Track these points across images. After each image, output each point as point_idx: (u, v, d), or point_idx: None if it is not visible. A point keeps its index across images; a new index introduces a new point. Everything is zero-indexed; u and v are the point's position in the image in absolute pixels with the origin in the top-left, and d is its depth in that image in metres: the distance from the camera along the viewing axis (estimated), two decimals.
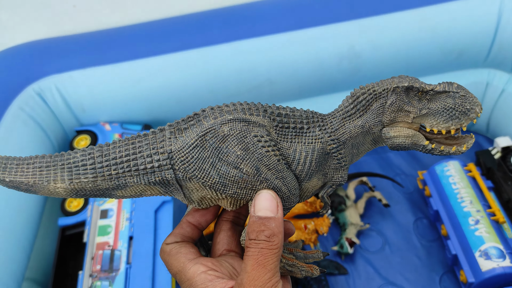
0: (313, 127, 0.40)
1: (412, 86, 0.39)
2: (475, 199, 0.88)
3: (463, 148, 0.39)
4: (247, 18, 0.95)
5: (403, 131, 0.40)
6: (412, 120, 0.39)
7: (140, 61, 0.92)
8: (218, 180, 0.37)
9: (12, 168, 0.37)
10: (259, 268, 0.33)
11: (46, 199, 0.88)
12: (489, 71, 1.03)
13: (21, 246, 0.75)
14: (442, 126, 0.39)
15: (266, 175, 0.37)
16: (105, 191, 0.38)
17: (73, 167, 0.37)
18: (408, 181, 1.07)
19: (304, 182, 0.40)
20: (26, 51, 0.93)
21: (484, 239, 0.81)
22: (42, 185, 0.37)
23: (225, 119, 0.37)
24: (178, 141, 0.37)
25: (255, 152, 0.37)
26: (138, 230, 0.77)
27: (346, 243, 0.91)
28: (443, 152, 0.40)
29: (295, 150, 0.39)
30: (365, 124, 0.40)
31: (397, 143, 0.40)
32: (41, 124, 0.88)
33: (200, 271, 0.36)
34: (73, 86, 0.91)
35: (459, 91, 0.38)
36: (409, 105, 0.39)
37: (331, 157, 0.40)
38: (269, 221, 0.35)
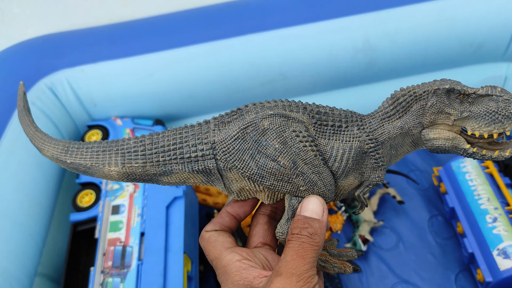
0: (352, 126, 0.41)
1: (453, 88, 0.39)
2: (493, 196, 0.86)
3: (506, 153, 0.39)
4: (259, 11, 0.93)
5: (443, 134, 0.39)
6: (452, 122, 0.39)
7: (152, 55, 0.91)
8: (256, 171, 0.39)
9: (73, 151, 0.41)
10: (298, 259, 0.35)
11: (58, 194, 0.88)
12: (508, 65, 1.00)
13: (33, 241, 0.75)
14: (484, 129, 0.38)
15: (302, 169, 0.38)
16: (152, 177, 0.41)
17: (126, 152, 0.40)
18: (423, 177, 1.05)
19: (340, 180, 0.41)
20: (38, 45, 0.93)
21: (503, 238, 0.79)
22: (98, 167, 0.40)
23: (265, 114, 0.39)
24: (221, 133, 0.40)
25: (292, 146, 0.38)
26: (150, 226, 0.76)
27: (359, 240, 0.90)
28: (485, 156, 0.39)
29: (333, 147, 0.40)
30: (404, 125, 0.40)
31: (436, 145, 0.40)
32: (52, 119, 0.88)
33: (235, 259, 0.38)
34: (85, 80, 0.91)
35: (502, 95, 0.38)
36: (450, 107, 0.39)
37: (368, 156, 0.41)
38: (313, 221, 0.37)
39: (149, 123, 0.95)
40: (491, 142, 0.40)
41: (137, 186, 0.82)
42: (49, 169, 0.84)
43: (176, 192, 0.80)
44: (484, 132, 0.38)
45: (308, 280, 0.34)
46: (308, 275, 0.34)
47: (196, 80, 0.93)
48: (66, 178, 0.92)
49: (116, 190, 0.82)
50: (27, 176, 0.78)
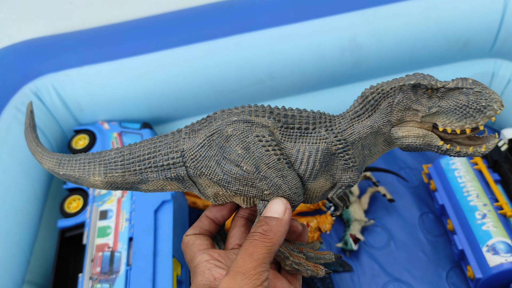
0: (319, 128, 0.40)
1: (419, 83, 0.37)
2: (482, 193, 0.86)
3: (481, 149, 0.37)
4: (246, 11, 0.92)
5: (413, 131, 0.38)
6: (421, 119, 0.38)
7: (138, 57, 0.90)
8: (222, 177, 0.40)
9: (65, 163, 0.44)
10: (245, 257, 0.35)
11: (46, 200, 0.87)
12: (495, 61, 1.00)
13: (20, 249, 0.74)
14: (455, 125, 0.37)
15: (265, 173, 0.39)
16: (132, 185, 0.43)
17: (107, 163, 0.43)
18: (413, 175, 1.05)
19: (309, 182, 0.40)
20: (22, 50, 0.92)
21: (492, 234, 0.80)
22: (85, 178, 0.43)
23: (230, 121, 0.40)
24: (190, 140, 0.41)
25: (255, 151, 0.39)
26: (138, 231, 0.76)
27: (350, 240, 0.90)
28: (460, 153, 0.37)
29: (298, 150, 0.39)
30: (374, 124, 0.39)
31: (406, 143, 0.38)
32: (38, 125, 0.87)
33: (204, 260, 0.39)
34: (70, 84, 0.90)
35: (473, 87, 0.36)
36: (417, 104, 0.37)
37: (337, 157, 0.40)
38: (271, 219, 0.38)
39: (136, 127, 0.94)
40: (469, 137, 0.38)
41: (124, 191, 0.82)
42: (36, 176, 0.83)
43: (164, 196, 0.80)
44: (456, 128, 0.37)
45: (255, 278, 0.34)
46: (255, 272, 0.34)
47: (184, 82, 0.92)
48: (54, 184, 0.91)
49: (104, 195, 0.81)
50: (12, 183, 0.77)
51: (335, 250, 0.94)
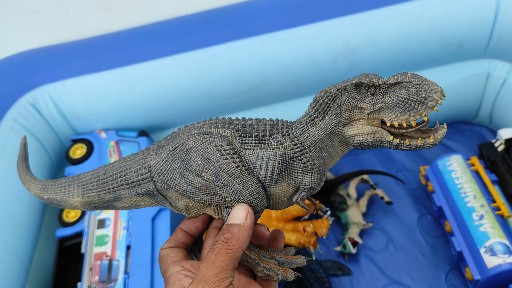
0: (276, 134, 0.42)
1: (360, 82, 0.38)
2: (479, 194, 0.86)
3: (430, 140, 0.37)
4: (240, 18, 0.93)
5: (362, 129, 0.39)
6: (368, 116, 0.39)
7: (134, 66, 0.91)
8: (186, 188, 0.41)
9: (49, 188, 0.47)
10: (208, 266, 0.36)
11: (45, 210, 0.87)
12: (489, 61, 1.00)
13: (19, 259, 0.75)
14: (400, 119, 0.37)
15: (225, 181, 0.40)
16: (108, 203, 0.45)
17: (84, 184, 0.45)
18: (410, 177, 1.06)
19: (271, 187, 0.42)
20: (19, 62, 0.93)
21: (489, 235, 0.80)
22: (66, 200, 0.46)
23: (190, 134, 0.42)
24: (156, 156, 0.43)
25: (214, 160, 0.40)
26: (136, 239, 0.76)
27: (349, 243, 0.90)
28: (411, 146, 0.38)
29: (257, 156, 0.41)
30: (327, 126, 0.40)
31: (358, 141, 0.39)
32: (36, 135, 0.88)
33: (175, 271, 0.40)
34: (67, 94, 0.90)
35: (412, 80, 0.37)
36: (362, 102, 0.39)
37: (295, 161, 0.41)
38: (233, 226, 0.39)
39: (133, 135, 0.95)
40: (420, 130, 0.39)
41: None
42: None
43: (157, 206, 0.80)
44: (401, 121, 0.37)
45: (216, 285, 0.35)
46: (216, 279, 0.35)
47: (179, 90, 0.93)
48: None
49: None
50: (10, 194, 0.77)
51: (334, 253, 0.94)
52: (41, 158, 0.88)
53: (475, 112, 1.11)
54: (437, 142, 0.38)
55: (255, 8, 0.94)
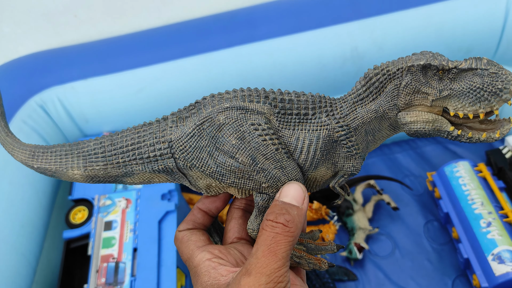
0: (320, 113, 0.37)
1: (429, 64, 0.34)
2: (486, 201, 0.86)
3: (496, 135, 0.34)
4: (247, 22, 0.93)
5: (422, 116, 0.35)
6: (431, 103, 0.35)
7: (142, 69, 0.91)
8: (215, 170, 0.37)
9: (39, 155, 0.40)
10: (270, 255, 0.32)
11: (51, 211, 0.88)
12: None
13: (26, 260, 0.75)
14: (468, 109, 0.34)
15: (263, 165, 0.36)
16: (116, 178, 0.40)
17: (87, 155, 0.39)
18: (417, 182, 1.05)
19: (310, 172, 0.38)
20: (28, 64, 0.94)
21: (497, 242, 0.79)
22: (62, 171, 0.40)
23: (221, 107, 0.36)
24: (178, 130, 0.37)
25: (251, 141, 0.36)
26: (142, 242, 0.76)
27: (355, 248, 0.90)
28: (472, 139, 0.35)
29: (298, 138, 0.37)
30: (378, 109, 0.36)
31: (414, 129, 0.36)
32: (44, 137, 0.88)
33: (205, 259, 0.36)
34: (76, 97, 0.91)
35: (488, 68, 0.33)
36: (427, 86, 0.34)
37: (339, 145, 0.37)
38: (292, 207, 0.34)
39: None
40: (483, 121, 0.35)
41: (129, 202, 0.82)
42: (41, 187, 0.84)
43: (168, 206, 0.80)
44: (468, 112, 0.34)
45: (280, 280, 0.31)
46: (280, 274, 0.31)
47: (186, 93, 0.93)
48: (60, 195, 0.92)
49: (109, 206, 0.82)
50: (19, 195, 0.78)
51: (340, 259, 0.94)
52: None
53: None
54: (502, 137, 0.34)
55: (261, 12, 0.94)
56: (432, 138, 1.14)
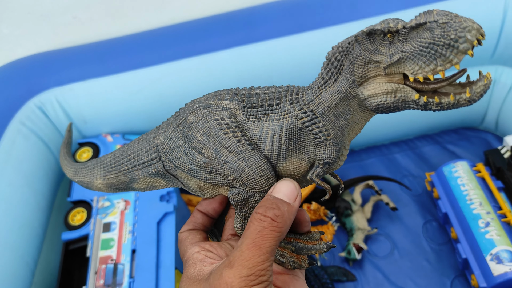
0: (284, 102, 0.36)
1: (373, 29, 0.31)
2: (485, 201, 0.86)
3: (466, 95, 0.30)
4: (247, 23, 0.93)
5: (380, 87, 0.32)
6: (384, 71, 0.32)
7: (140, 70, 0.91)
8: (190, 167, 0.38)
9: (79, 171, 0.47)
10: (254, 249, 0.31)
11: (50, 213, 0.88)
12: (496, 68, 1.00)
13: (25, 262, 0.75)
14: (426, 70, 0.30)
15: (226, 157, 0.36)
16: (126, 185, 0.44)
17: (105, 166, 0.44)
18: (416, 182, 1.05)
19: (280, 163, 0.36)
20: (27, 65, 0.94)
21: (495, 242, 0.79)
22: (92, 182, 0.45)
23: (192, 108, 0.38)
24: (163, 134, 0.40)
25: (214, 135, 0.36)
26: (141, 243, 0.76)
27: (354, 249, 0.90)
28: (442, 104, 0.31)
29: (262, 129, 0.36)
30: (341, 89, 0.34)
31: (376, 103, 0.33)
32: (43, 138, 0.88)
33: (194, 252, 0.37)
34: (74, 98, 0.91)
35: (438, 19, 0.29)
36: (376, 54, 0.32)
37: (306, 132, 0.36)
38: (283, 203, 0.34)
39: None
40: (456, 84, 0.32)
41: (128, 203, 0.82)
42: (40, 189, 0.84)
43: (166, 207, 0.80)
44: (427, 73, 0.30)
45: (262, 273, 0.31)
46: (263, 268, 0.31)
47: (185, 94, 0.93)
48: (58, 197, 0.92)
49: (107, 208, 0.82)
50: (17, 197, 0.78)
51: (338, 259, 0.94)
52: (47, 161, 0.89)
53: (481, 118, 1.10)
54: (476, 97, 0.30)
55: (261, 13, 0.95)
56: (430, 138, 1.14)
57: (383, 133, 1.11)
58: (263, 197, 0.36)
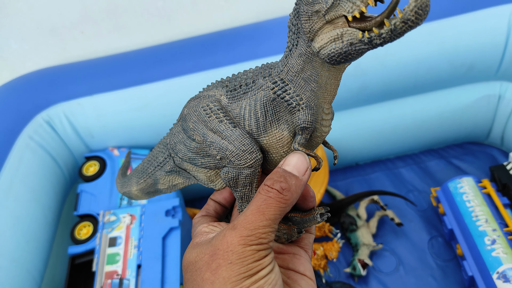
0: (259, 78, 0.38)
1: None
2: (491, 217, 0.85)
3: (398, 16, 0.29)
4: (252, 39, 0.94)
5: (327, 36, 0.32)
6: (325, 18, 0.32)
7: (147, 85, 0.92)
8: (189, 156, 0.41)
9: (124, 184, 0.50)
10: (257, 214, 0.33)
11: (57, 227, 0.88)
12: (501, 83, 1.00)
13: (31, 276, 0.75)
14: (357, 4, 0.30)
15: (212, 139, 0.38)
16: (155, 187, 0.47)
17: (137, 173, 0.48)
18: (421, 197, 1.05)
19: (262, 137, 0.37)
20: (35, 80, 0.95)
21: (502, 260, 0.79)
22: (131, 191, 0.48)
23: (187, 103, 0.42)
24: (170, 133, 0.44)
25: (201, 121, 0.39)
26: (146, 258, 0.77)
27: (359, 265, 0.90)
28: (382, 34, 0.30)
29: (242, 107, 0.38)
30: (301, 51, 0.35)
31: (327, 53, 0.33)
32: (50, 152, 0.89)
33: (202, 227, 0.39)
34: (82, 113, 0.92)
35: None
36: (315, 4, 0.32)
37: (279, 102, 0.36)
38: (291, 177, 0.35)
39: (145, 153, 0.96)
40: None
41: (133, 218, 0.83)
42: (47, 203, 0.85)
43: (172, 222, 0.81)
44: (360, 7, 0.30)
45: (262, 237, 0.32)
46: (263, 231, 0.32)
47: None
48: (65, 211, 0.93)
49: (113, 222, 0.83)
50: (24, 212, 0.78)
51: (343, 275, 0.94)
52: (55, 174, 0.89)
53: (486, 133, 1.10)
54: (411, 15, 0.29)
55: (266, 29, 0.96)
56: (435, 152, 1.14)
57: (388, 147, 1.11)
58: (252, 173, 0.37)
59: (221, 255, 0.32)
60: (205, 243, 0.35)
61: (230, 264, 0.32)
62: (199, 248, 0.35)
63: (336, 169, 1.15)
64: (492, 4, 0.90)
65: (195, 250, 0.35)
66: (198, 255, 0.34)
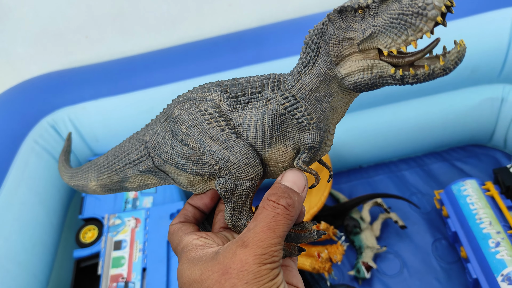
0: (266, 90, 0.36)
1: (344, 7, 0.31)
2: (495, 220, 0.85)
3: (439, 64, 0.30)
4: (256, 42, 0.95)
5: (356, 65, 0.32)
6: (359, 48, 0.32)
7: (151, 89, 0.93)
8: (178, 160, 0.38)
9: (74, 175, 0.48)
10: (268, 231, 0.33)
11: (62, 231, 0.89)
12: (504, 86, 1.00)
13: (37, 280, 0.76)
14: (398, 42, 0.30)
15: (211, 147, 0.36)
16: (119, 184, 0.44)
17: (98, 167, 0.45)
18: (425, 200, 1.05)
19: (266, 151, 0.37)
20: (40, 84, 0.96)
21: (506, 263, 0.79)
22: (86, 185, 0.46)
23: (177, 102, 0.39)
24: (151, 131, 0.41)
25: (199, 126, 0.37)
26: (152, 261, 0.77)
27: (363, 268, 0.90)
28: (418, 76, 0.30)
29: (246, 117, 0.36)
30: (320, 71, 0.34)
31: (354, 81, 0.33)
32: (55, 156, 0.90)
33: (193, 239, 0.37)
34: (86, 117, 0.93)
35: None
36: (349, 31, 0.32)
37: (289, 118, 0.36)
38: (293, 193, 0.35)
39: None
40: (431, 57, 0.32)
41: (138, 221, 0.83)
42: (52, 207, 0.85)
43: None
44: (400, 46, 0.30)
45: (274, 255, 0.32)
46: (275, 249, 0.32)
47: None
48: (70, 214, 0.93)
49: (118, 225, 0.83)
50: (30, 215, 0.79)
51: (347, 278, 0.94)
52: (60, 178, 0.90)
53: (489, 136, 1.10)
54: (451, 65, 0.30)
55: (270, 33, 0.96)
56: (439, 155, 1.14)
57: (391, 150, 1.11)
58: (250, 186, 0.37)
59: (236, 274, 0.32)
60: (208, 260, 0.34)
61: (246, 284, 0.31)
62: (202, 265, 0.34)
63: (340, 172, 1.15)
64: (495, 7, 0.90)
65: (197, 267, 0.34)
66: (204, 272, 0.33)
